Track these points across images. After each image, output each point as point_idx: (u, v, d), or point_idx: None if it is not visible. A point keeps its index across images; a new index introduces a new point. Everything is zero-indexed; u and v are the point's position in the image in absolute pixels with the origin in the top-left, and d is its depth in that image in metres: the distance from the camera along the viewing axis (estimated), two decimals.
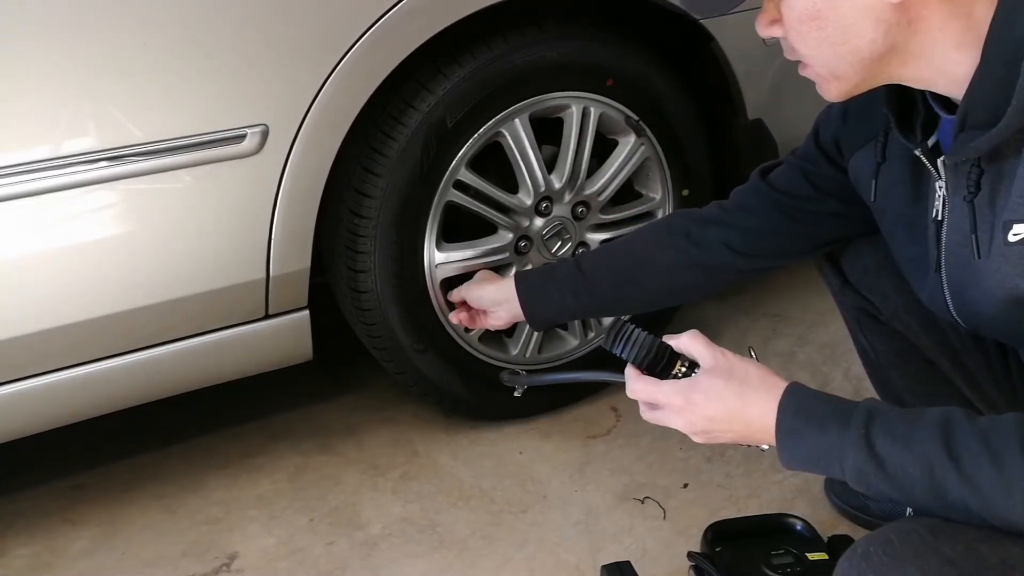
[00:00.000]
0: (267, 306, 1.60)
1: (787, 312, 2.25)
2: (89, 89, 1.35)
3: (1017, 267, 0.95)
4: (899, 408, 0.98)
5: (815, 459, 0.99)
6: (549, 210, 1.79)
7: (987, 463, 0.89)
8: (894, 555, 0.88)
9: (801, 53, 1.02)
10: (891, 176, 1.15)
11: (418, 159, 1.63)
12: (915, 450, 0.92)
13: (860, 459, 0.94)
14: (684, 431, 1.07)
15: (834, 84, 1.03)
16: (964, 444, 0.90)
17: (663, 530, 1.63)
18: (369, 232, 1.65)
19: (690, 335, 1.09)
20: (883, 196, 1.18)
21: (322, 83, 1.46)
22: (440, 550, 1.62)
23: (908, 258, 1.18)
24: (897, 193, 1.15)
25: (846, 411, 0.98)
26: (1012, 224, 0.94)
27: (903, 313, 1.34)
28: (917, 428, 0.94)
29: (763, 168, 1.40)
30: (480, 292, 1.60)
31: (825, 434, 0.97)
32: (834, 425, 0.97)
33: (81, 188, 1.37)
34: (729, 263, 1.40)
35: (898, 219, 1.17)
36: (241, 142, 1.44)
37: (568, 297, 1.49)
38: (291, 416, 1.99)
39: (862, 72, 1.00)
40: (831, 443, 0.97)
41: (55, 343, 1.45)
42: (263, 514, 1.72)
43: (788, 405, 1.00)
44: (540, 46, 1.67)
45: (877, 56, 0.98)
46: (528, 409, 1.93)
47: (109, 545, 1.67)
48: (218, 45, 1.40)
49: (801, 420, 0.99)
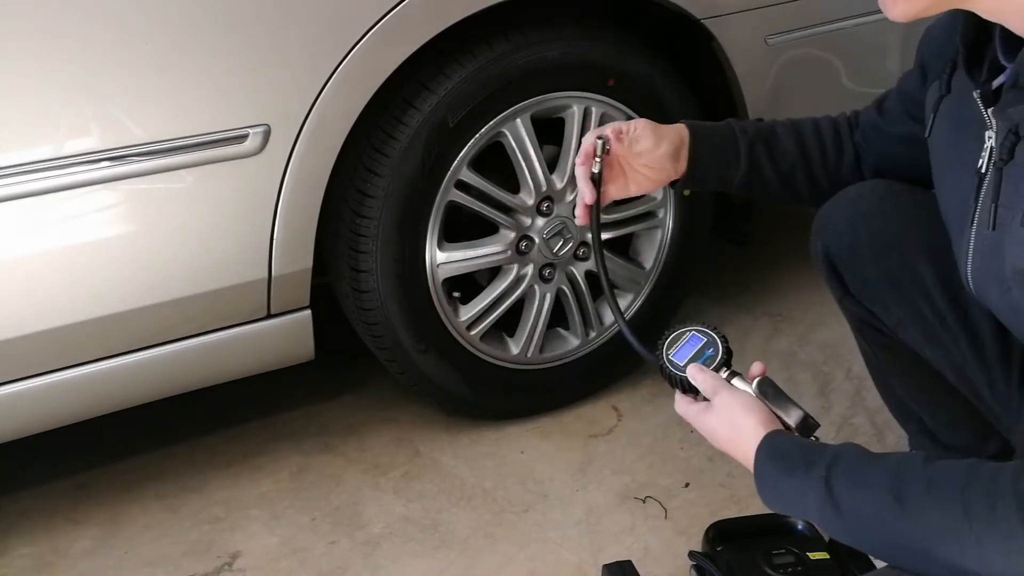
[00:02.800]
0: (269, 306, 1.60)
1: (789, 312, 2.25)
2: (91, 89, 1.35)
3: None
4: (868, 452, 0.97)
5: (785, 501, 1.00)
6: (551, 210, 1.79)
7: (931, 505, 0.88)
8: None
9: None
10: (952, 110, 1.08)
11: (420, 159, 1.63)
12: (866, 491, 0.92)
13: (819, 500, 0.95)
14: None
15: (900, 3, 0.93)
16: (912, 487, 0.90)
17: (664, 530, 1.63)
18: (371, 232, 1.65)
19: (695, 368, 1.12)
20: (939, 130, 1.11)
21: (324, 83, 1.46)
22: (442, 549, 1.62)
23: (952, 201, 1.11)
24: (955, 127, 1.07)
25: (815, 454, 0.98)
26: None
27: (906, 325, 1.30)
28: (873, 470, 0.93)
29: (881, 96, 1.33)
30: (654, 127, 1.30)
31: (792, 477, 0.97)
32: (800, 468, 0.97)
33: (83, 188, 1.38)
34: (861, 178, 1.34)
35: (950, 152, 1.09)
36: (243, 142, 1.44)
37: (743, 165, 1.32)
38: (293, 416, 1.99)
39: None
40: (796, 485, 0.97)
41: (58, 343, 1.45)
42: (265, 513, 1.73)
43: (762, 449, 1.01)
44: (541, 46, 1.67)
45: None
46: (530, 409, 1.93)
47: (111, 544, 1.67)
48: (220, 45, 1.41)
49: (773, 463, 1.00)
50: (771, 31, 1.83)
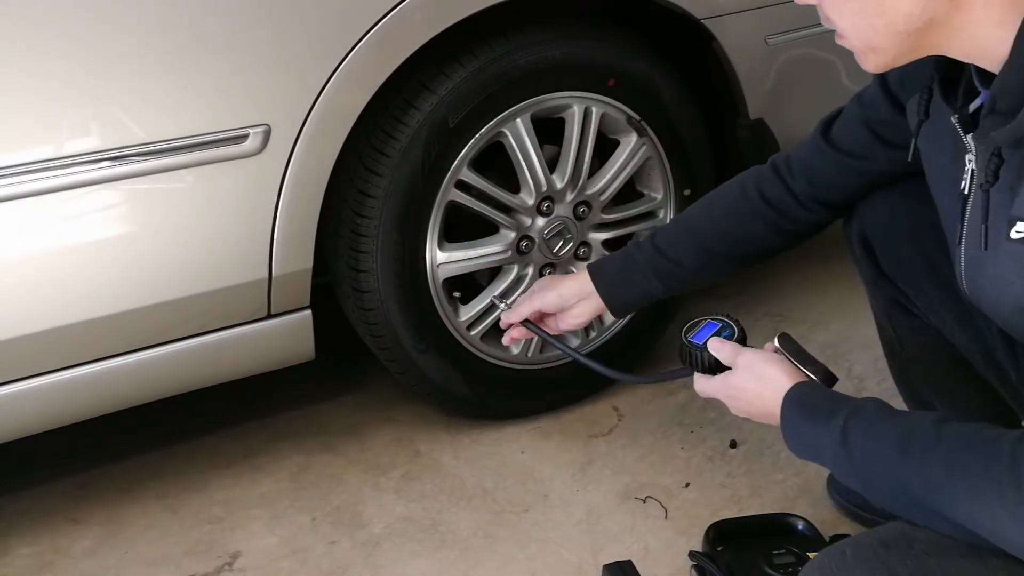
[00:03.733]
0: (269, 306, 1.60)
1: (789, 312, 2.25)
2: (92, 89, 1.35)
3: (1017, 268, 0.94)
4: (887, 407, 1.02)
5: (806, 447, 1.08)
6: (551, 210, 1.79)
7: (934, 460, 0.93)
8: (845, 568, 0.92)
9: (837, 24, 0.99)
10: (934, 133, 1.11)
11: (420, 159, 1.63)
12: (878, 443, 0.99)
13: (835, 447, 1.02)
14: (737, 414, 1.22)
15: (871, 57, 0.99)
16: (919, 441, 0.95)
17: (665, 530, 1.63)
18: (371, 232, 1.65)
19: (715, 340, 1.24)
20: (927, 151, 1.14)
21: (324, 83, 1.47)
22: (442, 549, 1.62)
23: (945, 216, 1.14)
24: (941, 149, 1.10)
25: (838, 405, 1.05)
26: (1016, 221, 0.92)
27: (939, 307, 1.31)
28: (887, 424, 0.99)
29: (824, 122, 1.34)
30: (558, 293, 1.51)
31: (815, 424, 1.06)
32: (823, 416, 1.05)
33: (84, 188, 1.38)
34: (816, 222, 1.38)
35: (942, 173, 1.12)
36: (243, 142, 1.44)
37: (652, 280, 1.45)
38: (293, 416, 1.99)
39: (899, 46, 0.96)
40: (818, 433, 1.05)
41: (58, 342, 1.45)
42: (265, 513, 1.73)
43: (789, 398, 1.10)
44: (542, 46, 1.67)
45: (914, 30, 0.94)
46: (530, 409, 1.93)
47: (112, 544, 1.67)
48: (221, 45, 1.41)
49: (798, 410, 1.09)
50: (771, 31, 1.83)
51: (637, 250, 1.47)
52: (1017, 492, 0.86)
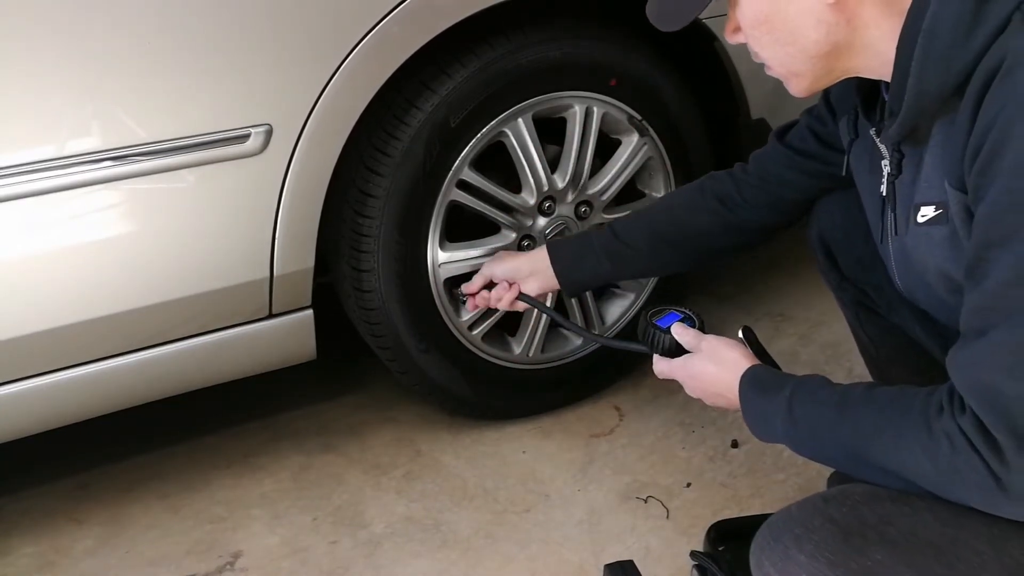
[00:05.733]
0: (271, 306, 1.60)
1: (790, 312, 2.25)
2: (93, 89, 1.35)
3: (928, 246, 1.06)
4: (828, 380, 1.11)
5: (761, 421, 1.15)
6: (552, 209, 1.79)
7: (863, 413, 1.03)
8: (788, 520, 1.02)
9: (762, 56, 1.12)
10: (860, 149, 1.23)
11: (421, 159, 1.63)
12: (817, 407, 1.08)
13: (784, 418, 1.10)
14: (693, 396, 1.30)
15: (795, 81, 1.11)
16: (852, 400, 1.05)
17: (666, 529, 1.63)
18: (373, 232, 1.65)
19: (679, 326, 1.31)
20: (854, 166, 1.26)
21: (326, 83, 1.47)
22: (443, 549, 1.62)
23: (871, 224, 1.25)
24: (863, 164, 1.22)
25: (785, 381, 1.14)
26: (920, 207, 1.06)
27: (898, 304, 1.37)
28: (826, 392, 1.09)
29: (780, 129, 1.46)
30: (511, 264, 1.61)
31: (765, 399, 1.14)
32: (772, 390, 1.13)
33: (85, 188, 1.38)
34: (760, 224, 1.48)
35: (863, 186, 1.25)
36: (245, 142, 1.44)
37: (604, 263, 1.54)
38: (294, 415, 1.99)
39: (815, 68, 1.08)
40: (768, 405, 1.13)
41: (59, 342, 1.45)
42: (267, 513, 1.73)
43: (746, 377, 1.18)
44: (543, 46, 1.67)
45: (824, 53, 1.06)
46: (531, 408, 1.93)
47: (113, 544, 1.67)
48: (222, 45, 1.41)
49: (752, 388, 1.17)
50: None
51: (596, 233, 1.57)
52: (929, 433, 0.96)
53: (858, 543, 0.97)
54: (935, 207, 1.04)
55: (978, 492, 0.95)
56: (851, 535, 0.98)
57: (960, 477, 0.95)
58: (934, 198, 1.04)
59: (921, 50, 0.98)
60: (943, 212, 1.03)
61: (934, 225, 1.04)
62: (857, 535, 0.98)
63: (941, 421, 0.96)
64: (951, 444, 0.95)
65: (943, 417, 0.96)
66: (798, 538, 0.99)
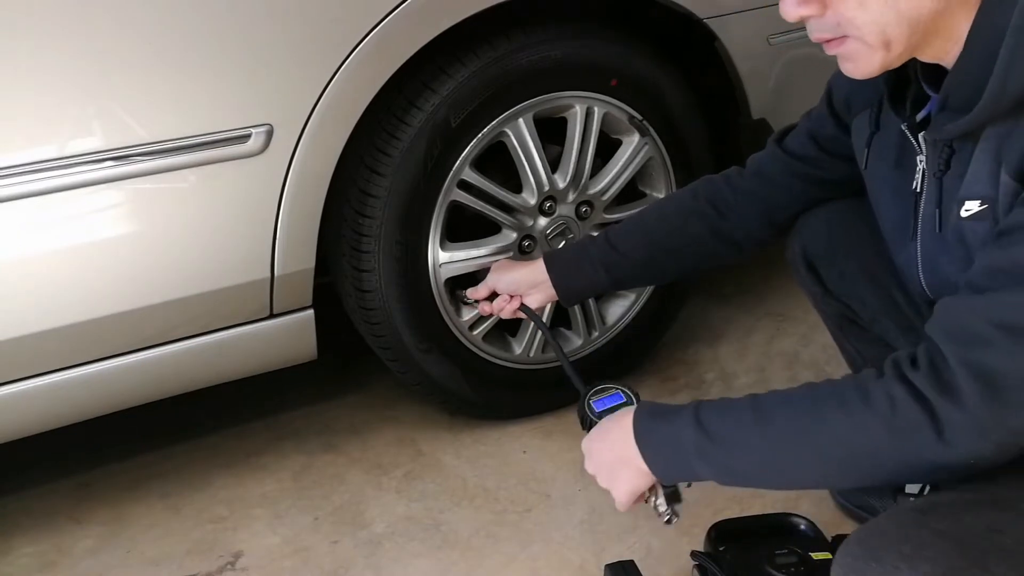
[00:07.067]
0: (271, 305, 1.60)
1: (791, 312, 2.25)
2: (94, 89, 1.35)
3: (971, 240, 1.02)
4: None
5: (669, 452, 1.10)
6: (553, 209, 1.79)
7: (783, 411, 1.02)
8: (884, 536, 0.94)
9: (855, 21, 0.99)
10: (882, 144, 1.20)
11: (422, 159, 1.63)
12: (730, 414, 1.06)
13: (694, 435, 1.06)
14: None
15: (879, 54, 1.00)
16: (767, 402, 1.04)
17: (667, 529, 1.62)
18: (373, 232, 1.65)
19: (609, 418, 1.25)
20: (873, 163, 1.23)
21: (327, 83, 1.47)
22: (444, 549, 1.62)
23: (891, 222, 1.22)
24: (886, 159, 1.19)
25: (684, 405, 1.11)
26: (965, 200, 1.02)
27: (881, 316, 1.37)
28: (734, 400, 1.07)
29: (779, 133, 1.44)
30: (513, 277, 1.61)
31: (668, 423, 1.10)
32: (671, 414, 1.11)
33: (86, 188, 1.38)
34: (754, 233, 1.46)
35: (884, 183, 1.22)
36: (246, 142, 1.44)
37: (601, 273, 1.53)
38: (296, 415, 1.99)
39: (911, 38, 0.99)
40: (672, 430, 1.09)
41: (61, 342, 1.45)
42: (268, 513, 1.73)
43: (639, 415, 1.14)
44: (544, 46, 1.67)
45: (929, 19, 0.97)
46: (532, 408, 1.93)
47: (114, 544, 1.67)
48: (223, 45, 1.41)
49: (648, 420, 1.13)
50: (774, 31, 1.83)
51: (592, 243, 1.55)
52: (866, 398, 0.96)
53: (975, 556, 0.90)
54: (980, 201, 1.00)
55: (925, 448, 0.93)
56: (967, 548, 0.90)
57: (906, 436, 0.94)
58: (981, 193, 0.99)
59: (1007, 50, 0.92)
60: (988, 207, 0.99)
61: (977, 220, 1.01)
62: (973, 547, 0.91)
63: (882, 382, 0.96)
64: (891, 402, 0.94)
65: (884, 379, 0.96)
66: (908, 557, 0.90)
